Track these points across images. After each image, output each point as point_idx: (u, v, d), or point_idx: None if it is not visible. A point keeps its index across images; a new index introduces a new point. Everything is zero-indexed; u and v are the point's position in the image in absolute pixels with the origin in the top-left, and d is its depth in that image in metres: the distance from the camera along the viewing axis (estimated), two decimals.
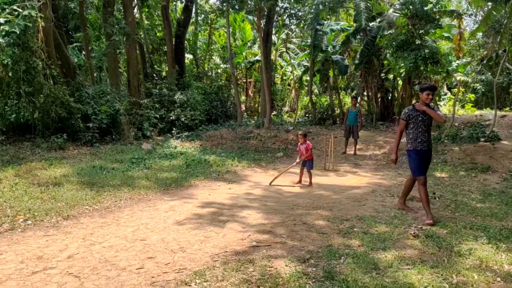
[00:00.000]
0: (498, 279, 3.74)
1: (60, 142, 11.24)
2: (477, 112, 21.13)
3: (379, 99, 19.57)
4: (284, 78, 28.82)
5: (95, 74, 18.06)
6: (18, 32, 9.78)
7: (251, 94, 28.66)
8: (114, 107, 13.14)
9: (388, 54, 16.93)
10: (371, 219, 5.78)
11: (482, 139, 11.59)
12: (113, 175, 8.58)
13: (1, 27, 9.68)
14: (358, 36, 18.56)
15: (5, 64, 10.06)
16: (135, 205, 6.67)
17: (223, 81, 24.47)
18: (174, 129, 15.62)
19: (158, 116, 15.57)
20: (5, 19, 9.76)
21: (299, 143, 9.05)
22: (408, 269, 3.96)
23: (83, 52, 19.90)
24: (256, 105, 26.42)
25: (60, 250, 4.52)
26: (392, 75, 19.51)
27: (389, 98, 19.99)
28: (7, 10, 9.96)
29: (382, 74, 18.98)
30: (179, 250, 4.59)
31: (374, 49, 17.78)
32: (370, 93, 19.71)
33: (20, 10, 10.07)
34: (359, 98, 18.67)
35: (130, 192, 7.43)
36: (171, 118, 15.81)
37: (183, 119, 15.90)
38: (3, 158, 9.43)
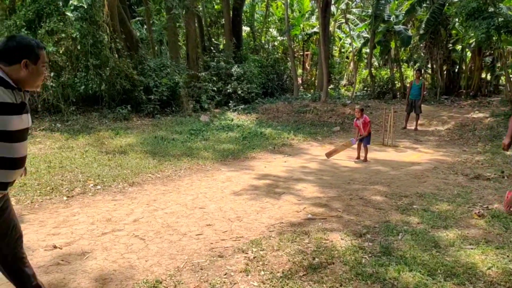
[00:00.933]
0: None
1: (125, 113, 11.81)
2: None
3: (445, 72, 18.46)
4: (343, 50, 27.97)
5: (156, 48, 18.59)
6: (85, 7, 10.27)
7: (308, 67, 28.17)
8: (174, 79, 13.51)
9: (456, 23, 15.82)
10: (432, 196, 5.58)
11: None
12: (173, 146, 8.93)
13: (70, 1, 10.19)
14: (424, 5, 17.44)
15: (74, 37, 10.62)
16: (194, 175, 6.91)
17: (279, 54, 24.24)
18: (231, 102, 15.82)
19: (215, 89, 15.84)
20: None
21: (355, 118, 8.79)
22: (471, 249, 3.80)
23: (145, 26, 20.48)
24: (313, 78, 25.97)
25: (126, 214, 4.83)
26: (460, 46, 18.26)
27: (456, 71, 18.79)
28: None
29: (449, 45, 17.82)
30: (236, 219, 4.73)
31: (441, 18, 16.65)
32: (435, 66, 18.62)
33: None
34: (422, 70, 17.73)
35: (189, 162, 7.70)
36: (228, 91, 16.01)
37: (239, 92, 16.04)
38: (74, 127, 10.10)
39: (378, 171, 7.48)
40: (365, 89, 21.85)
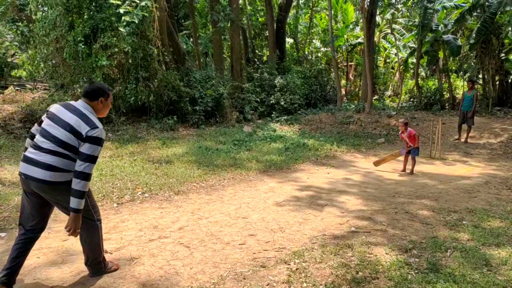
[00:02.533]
0: None
1: (171, 124, 12.20)
2: None
3: (497, 82, 17.63)
4: (388, 61, 27.44)
5: (201, 60, 19.11)
6: (137, 22, 10.76)
7: (352, 78, 27.85)
8: (218, 91, 13.81)
9: (510, 32, 15.10)
10: (483, 212, 5.35)
11: None
12: (217, 156, 9.11)
13: (123, 17, 10.72)
14: (475, 13, 16.82)
15: (126, 51, 11.14)
16: (237, 185, 7.01)
17: (323, 65, 24.14)
18: (273, 112, 15.93)
19: (258, 99, 16.01)
20: (125, 10, 10.79)
21: (400, 132, 8.58)
22: None
23: (191, 39, 21.12)
24: (357, 89, 25.63)
25: (172, 222, 4.98)
26: None
27: (509, 81, 17.90)
28: (127, 2, 10.99)
29: (502, 55, 17.02)
30: (279, 230, 4.75)
31: (493, 26, 15.98)
32: (486, 76, 17.83)
33: (138, 1, 11.04)
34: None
35: (232, 172, 7.82)
36: (271, 102, 16.13)
37: (282, 103, 16.12)
38: (124, 137, 10.55)
39: (425, 185, 7.26)
40: (411, 100, 21.29)
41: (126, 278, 3.50)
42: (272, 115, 15.75)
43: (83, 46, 10.74)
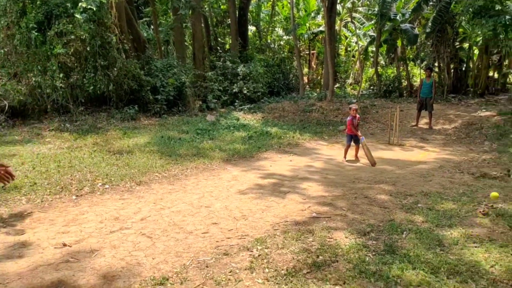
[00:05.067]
0: None
1: (132, 113, 11.92)
2: None
3: (452, 70, 18.35)
4: (349, 49, 27.89)
5: (162, 48, 18.71)
6: (94, 9, 10.36)
7: (314, 66, 28.14)
8: (180, 79, 13.60)
9: (463, 21, 15.70)
10: (437, 195, 5.60)
11: None
12: (180, 145, 9.01)
13: (79, 4, 10.30)
14: (431, 3, 17.36)
15: (83, 39, 10.73)
16: (200, 174, 6.98)
17: (285, 53, 24.26)
18: (236, 101, 15.89)
19: (221, 88, 15.91)
20: None
21: (351, 116, 8.40)
22: (475, 247, 3.83)
23: (152, 27, 20.61)
24: (319, 77, 25.95)
25: (134, 213, 4.91)
26: (467, 44, 18.13)
27: (463, 69, 18.67)
28: None
29: (456, 43, 17.70)
30: (242, 217, 4.78)
31: (448, 16, 16.57)
32: (441, 64, 18.51)
33: None
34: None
35: (195, 161, 7.77)
36: (234, 90, 16.07)
37: (245, 92, 16.10)
38: (83, 127, 10.22)
39: (383, 170, 7.50)
40: (371, 88, 21.80)
41: (86, 271, 3.43)
42: (235, 104, 15.71)
43: (36, 33, 10.25)
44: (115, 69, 11.45)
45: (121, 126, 10.86)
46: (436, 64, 18.88)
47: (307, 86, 24.22)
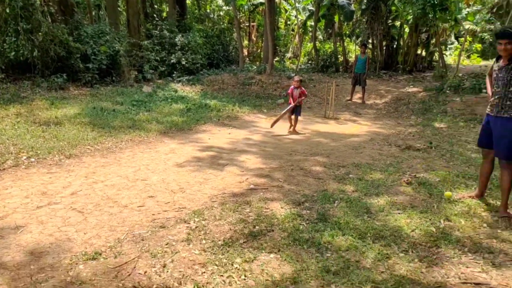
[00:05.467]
0: (484, 225, 3.90)
1: (60, 82, 11.18)
2: (483, 63, 20.79)
3: (384, 47, 19.16)
4: (288, 23, 28.03)
5: (93, 13, 17.55)
6: None
7: (254, 39, 28.01)
8: (113, 47, 12.91)
9: (396, 0, 16.33)
10: (367, 166, 5.90)
11: (484, 91, 11.49)
12: (114, 117, 8.65)
13: None
14: None
15: (2, 0, 9.77)
16: (136, 147, 6.78)
17: (225, 24, 23.82)
18: (175, 72, 15.45)
19: (158, 58, 15.35)
20: None
21: (292, 86, 8.85)
22: (399, 213, 4.12)
23: None
24: (259, 50, 25.92)
25: (63, 187, 4.67)
26: (399, 22, 18.96)
27: (394, 46, 19.57)
28: None
29: (389, 21, 18.45)
30: (179, 190, 4.74)
31: None
32: (375, 41, 19.26)
33: None
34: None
35: (131, 134, 7.52)
36: (171, 61, 15.59)
37: (184, 63, 15.69)
38: (4, 96, 9.43)
39: (319, 143, 7.75)
40: (310, 62, 22.20)
41: (11, 248, 3.24)
42: (173, 75, 15.28)
43: None
44: (40, 33, 10.60)
45: (48, 96, 10.16)
46: (370, 40, 19.58)
47: (247, 59, 24.12)
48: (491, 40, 24.05)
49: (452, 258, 3.28)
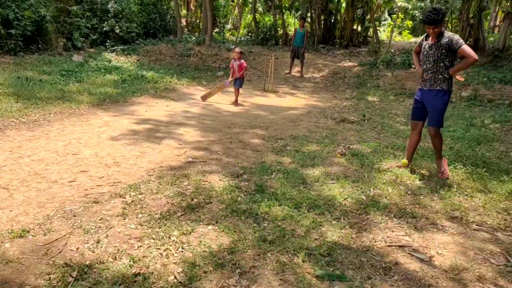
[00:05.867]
0: (409, 192, 4.19)
1: None
2: (413, 40, 21.85)
3: (322, 22, 19.45)
4: None
5: None
6: None
7: (193, 9, 27.17)
8: (39, 12, 11.91)
9: None
10: (304, 138, 6.06)
11: (413, 66, 12.14)
12: (41, 88, 8.08)
13: None
14: None
15: None
16: (66, 120, 6.41)
17: None
18: (108, 41, 14.64)
19: (89, 26, 14.41)
20: None
21: (232, 60, 8.91)
22: (332, 183, 4.30)
23: None
24: (198, 20, 25.23)
25: None
26: None
27: (332, 21, 19.93)
28: None
29: None
30: (114, 164, 4.58)
31: None
32: (313, 15, 19.48)
33: None
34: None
35: (60, 106, 7.09)
36: (104, 29, 14.72)
37: (117, 31, 14.88)
38: None
39: (257, 116, 7.81)
40: (249, 34, 22.03)
41: None
42: (107, 44, 14.48)
43: None
44: None
45: None
46: (308, 14, 19.76)
47: (185, 29, 23.40)
48: (421, 17, 25.26)
49: (379, 224, 3.50)
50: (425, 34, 4.59)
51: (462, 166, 4.87)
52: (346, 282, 2.64)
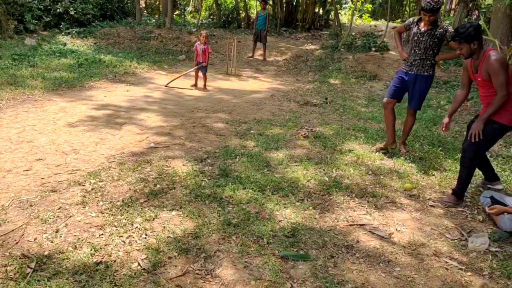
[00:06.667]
0: (370, 172, 4.31)
1: None
2: (372, 23, 22.19)
3: (284, 4, 19.37)
4: None
5: None
6: None
7: None
8: None
9: None
10: (267, 122, 6.08)
11: (373, 49, 12.38)
12: None
13: None
14: None
15: None
16: (19, 106, 6.11)
17: None
18: (62, 23, 13.96)
19: (42, 7, 13.69)
20: None
21: (196, 43, 8.80)
22: (296, 165, 4.35)
23: None
24: (157, 2, 24.52)
25: None
26: None
27: (294, 3, 19.88)
28: None
29: None
30: (72, 152, 4.43)
31: None
32: None
33: None
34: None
35: (12, 91, 6.74)
36: (58, 10, 14.01)
37: (72, 13, 14.21)
38: None
39: (221, 100, 7.74)
40: (211, 17, 21.66)
41: None
42: (61, 27, 13.80)
43: None
44: None
45: None
46: None
47: (145, 11, 22.70)
48: (380, 1, 25.67)
49: (341, 204, 3.58)
50: (415, 18, 4.67)
51: (419, 146, 5.05)
52: (310, 262, 2.70)
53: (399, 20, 23.23)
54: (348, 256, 2.81)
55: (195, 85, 8.79)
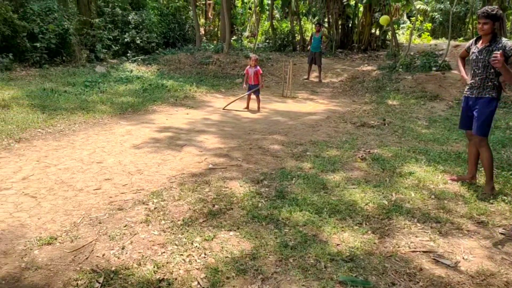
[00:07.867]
0: (433, 196, 4.13)
1: (6, 62, 10.58)
2: (433, 42, 21.51)
3: (340, 26, 19.38)
4: (245, 1, 27.65)
5: None
6: None
7: (211, 17, 27.49)
8: (62, 25, 12.30)
9: None
10: (323, 143, 6.05)
11: (434, 69, 11.97)
12: (65, 98, 8.31)
13: None
14: None
15: None
16: (90, 129, 6.58)
17: (180, 2, 23.17)
18: (129, 52, 14.96)
19: (111, 37, 14.78)
20: None
21: (247, 67, 9.02)
22: (353, 188, 4.28)
23: None
24: (216, 29, 25.48)
25: (14, 172, 4.49)
26: (354, 1, 19.19)
27: (350, 25, 19.84)
28: None
29: (344, 0, 18.62)
30: (137, 172, 4.68)
31: None
32: (331, 20, 19.44)
33: None
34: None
35: (84, 115, 7.27)
36: (125, 40, 15.06)
37: (138, 42, 15.20)
38: None
39: (277, 122, 7.84)
40: (267, 41, 22.12)
41: None
42: (128, 55, 14.80)
43: None
44: None
45: None
46: (326, 19, 19.72)
47: (204, 37, 23.68)
48: (441, 19, 24.91)
49: (402, 229, 3.46)
50: (474, 38, 4.43)
51: None
52: None
53: (461, 38, 22.34)
54: (411, 285, 2.70)
55: (247, 107, 8.98)
